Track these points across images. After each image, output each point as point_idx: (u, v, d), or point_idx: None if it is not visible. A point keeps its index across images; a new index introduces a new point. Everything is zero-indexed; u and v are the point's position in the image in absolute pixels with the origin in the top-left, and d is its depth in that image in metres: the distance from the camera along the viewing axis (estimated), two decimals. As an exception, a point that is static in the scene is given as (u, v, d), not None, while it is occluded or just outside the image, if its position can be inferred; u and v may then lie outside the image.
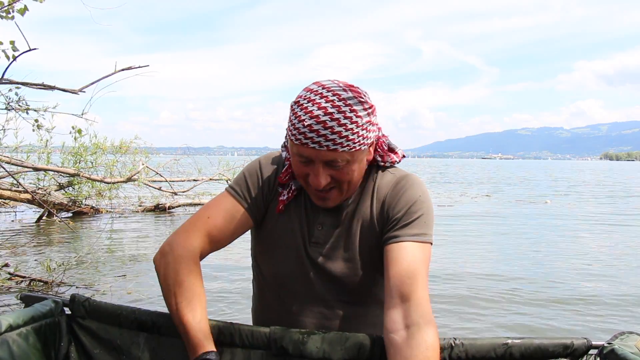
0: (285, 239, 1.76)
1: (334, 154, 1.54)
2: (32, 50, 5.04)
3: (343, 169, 1.59)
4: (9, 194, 11.39)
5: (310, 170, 1.60)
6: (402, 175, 1.78)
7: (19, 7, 5.15)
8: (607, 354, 1.58)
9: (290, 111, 1.62)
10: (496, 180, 39.75)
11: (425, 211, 1.71)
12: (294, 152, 1.61)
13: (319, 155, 1.55)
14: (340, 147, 1.54)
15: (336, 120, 1.51)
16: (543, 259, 8.51)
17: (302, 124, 1.53)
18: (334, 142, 1.52)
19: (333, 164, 1.57)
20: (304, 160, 1.59)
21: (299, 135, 1.54)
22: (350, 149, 1.56)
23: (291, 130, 1.58)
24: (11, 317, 1.71)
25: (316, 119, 1.51)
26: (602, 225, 13.32)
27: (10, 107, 6.30)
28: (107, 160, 12.98)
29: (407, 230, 1.67)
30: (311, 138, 1.52)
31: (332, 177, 1.60)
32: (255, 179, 1.79)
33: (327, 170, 1.58)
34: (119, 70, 6.12)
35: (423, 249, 1.66)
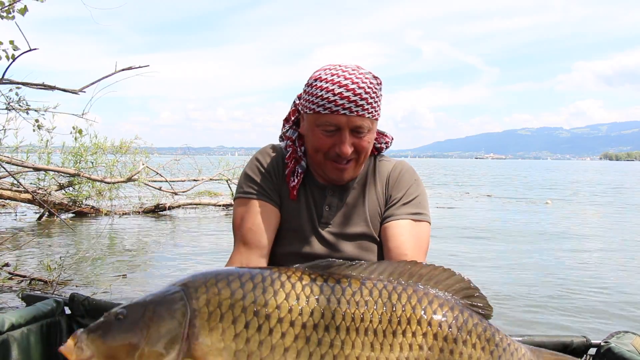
0: (296, 221, 1.83)
1: (362, 119, 1.67)
2: (33, 50, 5.05)
3: (364, 137, 1.71)
4: (10, 194, 11.40)
5: (335, 140, 1.69)
6: (398, 161, 1.93)
7: (20, 7, 5.16)
8: (605, 352, 1.60)
9: (310, 87, 1.72)
10: (496, 180, 39.75)
11: (420, 193, 1.86)
12: (320, 123, 1.70)
13: (349, 121, 1.66)
14: (367, 112, 1.68)
15: (363, 88, 1.66)
16: (543, 259, 8.52)
17: (332, 93, 1.65)
18: (363, 107, 1.66)
19: (359, 131, 1.69)
20: (332, 130, 1.69)
21: (329, 104, 1.66)
22: (373, 117, 1.71)
23: (316, 103, 1.69)
24: (13, 316, 1.72)
25: (346, 87, 1.65)
26: (602, 225, 13.33)
27: (10, 107, 6.30)
28: (108, 160, 12.98)
29: (405, 209, 1.80)
30: (342, 105, 1.64)
31: (354, 147, 1.71)
32: (260, 173, 1.86)
33: (351, 138, 1.69)
34: (119, 71, 6.12)
35: (420, 227, 1.78)
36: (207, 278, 1.33)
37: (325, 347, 1.27)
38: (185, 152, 15.22)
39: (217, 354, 1.25)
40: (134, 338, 1.25)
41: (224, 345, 1.25)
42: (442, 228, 11.19)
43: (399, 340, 1.31)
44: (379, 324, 1.30)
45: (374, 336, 1.30)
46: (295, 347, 1.26)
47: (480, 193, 23.64)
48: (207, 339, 1.25)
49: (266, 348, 1.25)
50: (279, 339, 1.26)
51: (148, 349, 1.24)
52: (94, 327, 1.29)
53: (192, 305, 1.28)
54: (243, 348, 1.25)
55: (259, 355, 1.25)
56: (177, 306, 1.28)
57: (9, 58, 5.16)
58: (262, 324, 1.27)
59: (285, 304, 1.29)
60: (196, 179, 14.58)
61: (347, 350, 1.28)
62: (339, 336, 1.28)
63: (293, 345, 1.26)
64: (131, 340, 1.25)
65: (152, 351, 1.24)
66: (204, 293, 1.30)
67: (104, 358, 1.25)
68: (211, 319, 1.27)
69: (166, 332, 1.26)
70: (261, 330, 1.26)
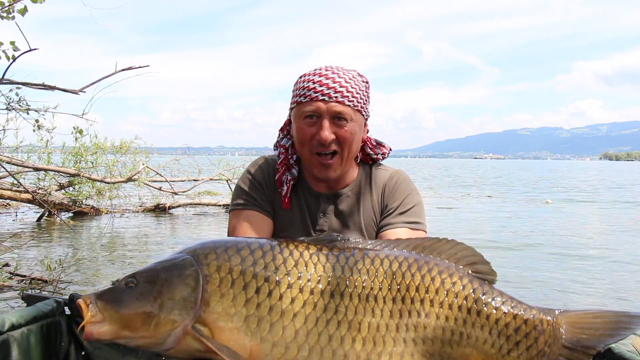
0: (290, 229, 1.84)
1: (341, 106, 1.72)
2: (33, 50, 5.05)
3: (346, 126, 1.74)
4: (10, 194, 11.40)
5: (316, 129, 1.74)
6: (395, 170, 1.94)
7: (20, 7, 5.16)
8: (605, 353, 1.60)
9: (295, 84, 1.81)
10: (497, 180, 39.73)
11: (417, 202, 1.87)
12: (301, 113, 1.76)
13: (328, 108, 1.72)
14: (347, 100, 1.73)
15: (343, 79, 1.74)
16: (543, 259, 8.51)
17: (312, 82, 1.74)
18: (342, 94, 1.72)
19: (339, 117, 1.73)
20: (312, 117, 1.74)
21: (308, 92, 1.73)
22: (354, 106, 1.75)
23: (298, 95, 1.77)
24: (14, 316, 1.72)
25: (325, 76, 1.74)
26: (602, 225, 13.33)
27: (10, 107, 6.30)
28: (108, 160, 12.97)
29: (401, 218, 1.81)
30: (321, 91, 1.72)
31: (336, 136, 1.74)
32: (252, 184, 1.88)
33: (332, 127, 1.73)
34: (120, 71, 6.12)
35: (417, 236, 1.77)
36: (217, 245, 1.35)
37: (332, 313, 1.30)
38: (185, 152, 15.21)
39: (228, 319, 1.27)
40: (148, 307, 1.26)
41: (235, 311, 1.27)
42: (443, 230, 11.19)
43: (408, 307, 1.33)
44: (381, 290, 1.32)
45: (384, 303, 1.32)
46: (304, 313, 1.28)
47: (481, 194, 23.63)
48: (219, 305, 1.27)
49: (276, 313, 1.28)
50: (288, 305, 1.28)
51: (163, 317, 1.26)
52: (106, 295, 1.30)
53: (204, 271, 1.30)
54: (254, 313, 1.27)
55: (269, 320, 1.27)
56: (189, 272, 1.30)
57: (9, 58, 5.16)
58: (273, 290, 1.29)
59: (294, 271, 1.31)
60: (196, 179, 14.57)
61: (354, 316, 1.30)
62: (344, 302, 1.31)
63: (301, 310, 1.28)
64: (145, 309, 1.26)
65: (167, 319, 1.26)
66: (214, 259, 1.31)
67: (117, 326, 1.27)
68: (222, 284, 1.29)
69: (179, 299, 1.27)
70: (271, 296, 1.29)
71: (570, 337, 1.38)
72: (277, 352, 1.26)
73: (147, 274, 1.32)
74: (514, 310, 1.39)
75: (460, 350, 1.35)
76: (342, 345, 1.29)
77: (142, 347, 1.32)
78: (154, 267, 1.34)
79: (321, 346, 1.28)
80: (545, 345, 1.37)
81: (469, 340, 1.35)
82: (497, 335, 1.36)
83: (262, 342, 1.26)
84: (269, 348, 1.26)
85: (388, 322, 1.32)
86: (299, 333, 1.27)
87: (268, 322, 1.27)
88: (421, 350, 1.33)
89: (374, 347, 1.30)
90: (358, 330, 1.30)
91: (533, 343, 1.37)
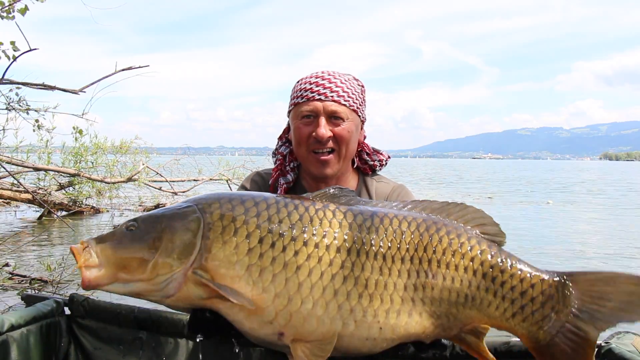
0: None
1: (337, 105, 1.79)
2: (33, 50, 5.05)
3: (343, 126, 1.80)
4: (10, 194, 11.39)
5: (313, 128, 1.79)
6: (397, 185, 1.97)
7: (20, 7, 5.16)
8: (605, 353, 1.59)
9: (293, 89, 1.88)
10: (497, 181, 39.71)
11: None
12: (298, 114, 1.82)
13: (324, 106, 1.78)
14: (343, 100, 1.79)
15: (339, 79, 1.82)
16: (543, 259, 8.51)
17: (309, 83, 1.81)
18: (338, 94, 1.79)
19: (335, 116, 1.79)
20: (309, 116, 1.80)
21: (305, 92, 1.80)
22: (350, 105, 1.81)
23: (295, 97, 1.84)
24: (13, 316, 1.72)
25: (322, 77, 1.82)
26: (602, 225, 13.32)
27: (10, 107, 6.30)
28: (108, 160, 12.97)
29: None
30: (317, 91, 1.79)
31: (333, 134, 1.79)
32: None
33: (329, 125, 1.79)
34: (120, 71, 6.12)
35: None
36: (220, 197, 1.35)
37: (337, 268, 1.28)
38: (185, 152, 15.20)
39: (229, 266, 1.26)
40: (146, 249, 1.25)
41: (237, 259, 1.26)
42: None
43: (416, 267, 1.32)
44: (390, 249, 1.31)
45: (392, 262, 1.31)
46: (308, 266, 1.27)
47: (481, 194, 23.62)
48: (220, 252, 1.26)
49: (279, 264, 1.26)
50: (292, 257, 1.27)
51: (161, 260, 1.24)
52: (105, 237, 1.28)
53: (206, 219, 1.29)
54: (256, 263, 1.26)
55: (271, 271, 1.25)
56: (191, 218, 1.29)
57: (9, 58, 5.16)
58: (276, 242, 1.27)
59: (299, 224, 1.30)
60: (196, 179, 14.56)
61: (361, 272, 1.29)
62: (351, 258, 1.29)
63: (305, 263, 1.27)
64: (144, 251, 1.25)
65: (166, 262, 1.24)
66: (217, 208, 1.31)
67: (115, 268, 1.25)
68: (225, 232, 1.27)
69: (180, 244, 1.26)
70: (274, 247, 1.27)
71: (580, 306, 1.33)
72: (279, 304, 1.24)
73: (149, 218, 1.32)
74: (521, 273, 1.35)
75: (465, 312, 1.33)
76: (349, 300, 1.27)
77: (141, 295, 1.29)
78: (156, 213, 1.33)
79: (326, 300, 1.26)
80: (552, 311, 1.33)
81: (474, 302, 1.33)
82: (501, 298, 1.34)
83: (263, 292, 1.24)
84: (271, 299, 1.24)
85: (396, 281, 1.30)
86: (302, 285, 1.25)
87: (270, 272, 1.25)
88: (429, 311, 1.32)
89: (381, 304, 1.29)
90: (365, 286, 1.28)
91: (539, 308, 1.34)
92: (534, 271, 1.37)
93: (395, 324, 1.29)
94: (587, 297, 1.34)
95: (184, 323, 1.75)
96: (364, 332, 1.28)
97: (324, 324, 1.25)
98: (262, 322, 1.25)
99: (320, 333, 1.26)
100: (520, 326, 1.34)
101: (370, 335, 1.28)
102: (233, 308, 1.25)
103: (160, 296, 1.27)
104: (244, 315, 1.25)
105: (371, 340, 1.29)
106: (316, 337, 1.26)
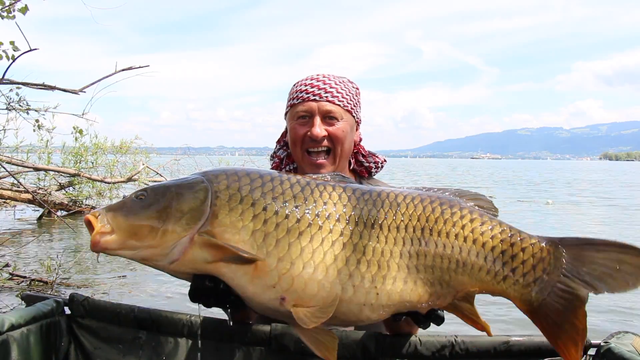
0: None
1: (331, 105, 1.85)
2: (33, 50, 5.05)
3: (338, 126, 1.85)
4: (10, 194, 11.39)
5: (308, 127, 1.85)
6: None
7: (20, 7, 5.15)
8: (605, 353, 1.59)
9: (290, 92, 1.93)
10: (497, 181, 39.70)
11: None
12: (294, 114, 1.88)
13: (319, 106, 1.84)
14: (337, 100, 1.85)
15: (333, 81, 1.88)
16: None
17: (304, 85, 1.87)
18: (332, 94, 1.85)
19: (330, 116, 1.85)
20: (304, 117, 1.86)
21: (300, 94, 1.86)
22: (344, 106, 1.87)
23: (291, 98, 1.90)
24: (13, 316, 1.71)
25: (317, 79, 1.88)
26: (602, 225, 13.32)
27: (10, 107, 6.30)
28: (108, 160, 12.98)
29: None
30: (312, 92, 1.85)
31: (328, 134, 1.85)
32: None
33: (324, 125, 1.85)
34: (120, 71, 6.13)
35: None
36: (227, 169, 1.42)
37: (337, 235, 1.34)
38: (185, 152, 15.20)
39: (235, 232, 1.31)
40: (156, 216, 1.30)
41: (242, 225, 1.32)
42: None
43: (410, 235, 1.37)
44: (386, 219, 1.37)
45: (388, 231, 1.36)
46: (309, 232, 1.32)
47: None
48: (227, 218, 1.32)
49: (282, 230, 1.32)
50: (294, 223, 1.33)
51: (171, 226, 1.30)
52: (115, 206, 1.34)
53: (213, 188, 1.35)
54: (261, 228, 1.32)
55: (275, 236, 1.31)
56: (199, 187, 1.35)
57: (9, 58, 5.16)
58: (279, 210, 1.34)
59: (301, 195, 1.36)
60: (196, 179, 14.54)
61: (359, 240, 1.35)
62: (350, 226, 1.36)
63: (307, 230, 1.32)
64: (154, 217, 1.30)
65: (175, 228, 1.30)
66: (224, 179, 1.38)
67: (126, 235, 1.30)
68: (231, 200, 1.34)
69: (189, 210, 1.32)
70: (278, 214, 1.33)
71: (571, 268, 1.37)
72: (283, 268, 1.29)
73: (158, 187, 1.38)
74: (512, 238, 1.40)
75: (457, 278, 1.38)
76: (347, 265, 1.32)
77: (147, 260, 1.35)
78: (166, 183, 1.40)
79: (326, 265, 1.31)
80: (544, 273, 1.37)
81: (465, 267, 1.37)
82: (492, 262, 1.38)
83: (267, 256, 1.30)
84: (274, 262, 1.29)
85: (392, 249, 1.36)
86: (304, 251, 1.30)
87: (274, 237, 1.31)
88: (423, 278, 1.37)
89: (379, 270, 1.34)
90: (363, 253, 1.34)
91: (530, 270, 1.38)
92: (525, 236, 1.41)
93: (391, 290, 1.34)
94: (577, 260, 1.38)
95: (183, 323, 1.75)
96: (362, 298, 1.33)
97: (324, 288, 1.30)
98: (265, 286, 1.30)
99: (321, 298, 1.31)
100: (512, 289, 1.39)
101: (367, 300, 1.33)
102: (237, 272, 1.31)
103: (166, 261, 1.32)
104: (248, 280, 1.30)
105: (368, 306, 1.34)
106: (316, 302, 1.31)
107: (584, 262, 1.37)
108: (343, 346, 1.60)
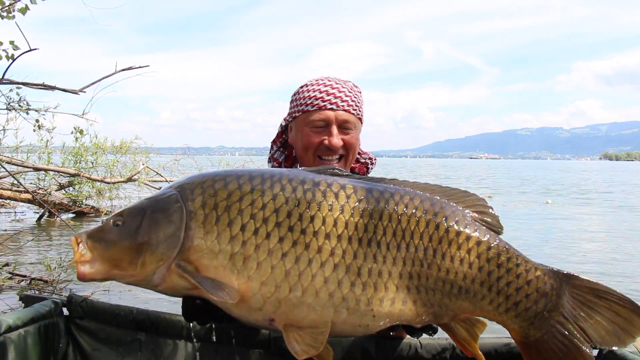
0: None
1: (347, 114, 1.86)
2: (33, 50, 5.04)
3: (351, 134, 1.88)
4: (10, 194, 11.39)
5: (325, 135, 1.85)
6: None
7: (20, 7, 5.15)
8: (607, 354, 1.58)
9: (298, 94, 1.91)
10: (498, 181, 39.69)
11: None
12: (309, 121, 1.86)
13: (336, 116, 1.85)
14: (352, 109, 1.87)
15: (346, 88, 1.88)
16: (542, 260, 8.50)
17: (319, 92, 1.86)
18: (348, 103, 1.86)
19: (346, 127, 1.86)
20: (320, 125, 1.85)
21: (316, 101, 1.85)
22: (357, 115, 1.89)
23: (304, 104, 1.87)
24: (11, 317, 1.70)
25: (331, 86, 1.87)
26: (602, 225, 13.31)
27: (11, 107, 6.30)
28: (108, 160, 12.96)
29: None
30: (329, 100, 1.84)
31: (343, 142, 1.86)
32: None
33: (340, 134, 1.86)
34: (120, 71, 6.12)
35: None
36: (204, 179, 1.31)
37: (327, 255, 1.23)
38: (186, 152, 15.19)
39: (212, 257, 1.23)
40: (134, 247, 1.26)
41: (219, 249, 1.23)
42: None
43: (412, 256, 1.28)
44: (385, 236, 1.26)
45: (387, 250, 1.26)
46: (294, 252, 1.22)
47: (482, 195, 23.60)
48: (202, 242, 1.24)
49: (263, 252, 1.22)
50: (276, 244, 1.22)
51: (149, 256, 1.25)
52: (95, 233, 1.29)
53: (188, 207, 1.27)
54: (239, 251, 1.22)
55: (255, 259, 1.22)
56: (174, 209, 1.27)
57: (9, 58, 5.15)
58: (259, 228, 1.23)
59: (284, 208, 1.24)
60: (196, 179, 14.53)
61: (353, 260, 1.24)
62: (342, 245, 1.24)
63: (292, 250, 1.22)
64: (132, 248, 1.26)
65: (153, 257, 1.25)
66: (199, 195, 1.28)
67: (107, 265, 1.26)
68: (207, 221, 1.25)
69: (164, 237, 1.25)
70: (258, 234, 1.22)
71: (570, 309, 1.33)
72: (267, 291, 1.21)
73: (134, 212, 1.30)
74: (518, 269, 1.34)
75: (458, 303, 1.31)
76: (340, 288, 1.22)
77: (133, 285, 1.32)
78: (141, 205, 1.32)
79: (316, 288, 1.21)
80: (545, 310, 1.33)
81: (467, 294, 1.31)
82: (496, 293, 1.32)
83: (249, 280, 1.21)
84: (257, 287, 1.21)
85: (391, 269, 1.26)
86: (289, 273, 1.21)
87: (255, 260, 1.21)
88: (423, 299, 1.29)
89: (375, 292, 1.25)
90: (358, 274, 1.23)
91: (532, 305, 1.33)
92: (531, 267, 1.36)
93: (389, 311, 1.26)
94: (577, 303, 1.34)
95: (182, 324, 1.74)
96: (357, 320, 1.25)
97: (315, 311, 1.22)
98: (251, 309, 1.23)
99: (312, 320, 1.23)
100: (512, 321, 1.34)
101: (363, 322, 1.26)
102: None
103: (150, 286, 1.29)
104: (232, 304, 1.23)
105: (364, 327, 1.27)
106: (308, 323, 1.23)
107: (583, 306, 1.34)
108: (343, 349, 1.60)
